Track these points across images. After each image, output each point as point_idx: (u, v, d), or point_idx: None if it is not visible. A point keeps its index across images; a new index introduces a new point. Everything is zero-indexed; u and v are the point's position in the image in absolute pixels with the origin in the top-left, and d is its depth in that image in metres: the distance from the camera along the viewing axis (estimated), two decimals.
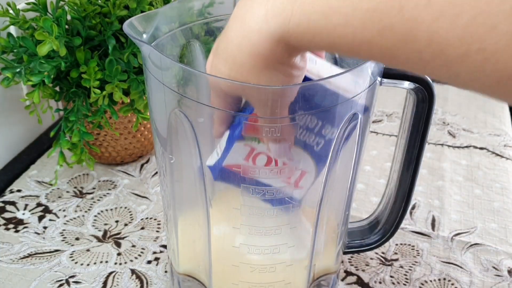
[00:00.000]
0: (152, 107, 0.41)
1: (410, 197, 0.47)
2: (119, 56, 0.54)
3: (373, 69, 0.37)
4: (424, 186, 0.64)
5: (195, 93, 0.35)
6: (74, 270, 0.51)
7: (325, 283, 0.47)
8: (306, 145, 0.36)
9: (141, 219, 0.58)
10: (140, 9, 0.55)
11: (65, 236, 0.55)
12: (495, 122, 0.78)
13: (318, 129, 0.35)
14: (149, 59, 0.37)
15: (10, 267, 0.51)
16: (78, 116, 0.56)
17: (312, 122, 0.35)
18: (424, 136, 0.43)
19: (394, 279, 0.52)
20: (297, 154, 0.36)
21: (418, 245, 0.56)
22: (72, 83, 0.56)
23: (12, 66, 0.53)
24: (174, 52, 0.43)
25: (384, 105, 0.81)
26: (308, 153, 0.37)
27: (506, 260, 0.54)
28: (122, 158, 0.65)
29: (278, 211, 0.39)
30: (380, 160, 0.69)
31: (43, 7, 0.54)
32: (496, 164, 0.69)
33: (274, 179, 0.36)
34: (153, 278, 0.51)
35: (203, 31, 0.45)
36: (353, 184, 0.43)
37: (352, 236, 0.50)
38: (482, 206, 0.62)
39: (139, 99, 0.56)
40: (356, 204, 0.61)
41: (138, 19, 0.39)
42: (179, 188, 0.43)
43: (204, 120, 0.38)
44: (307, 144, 0.36)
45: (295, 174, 0.37)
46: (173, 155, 0.40)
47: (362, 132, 0.40)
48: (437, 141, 0.73)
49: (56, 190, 0.61)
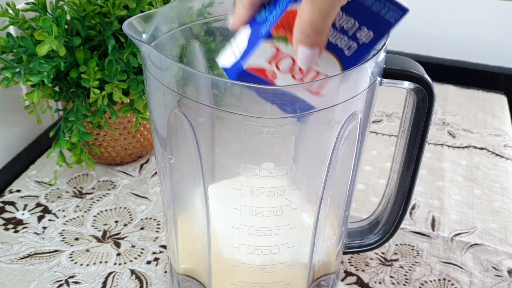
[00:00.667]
0: (152, 107, 0.41)
1: (410, 197, 0.47)
2: (118, 56, 0.54)
3: (373, 69, 0.37)
4: (424, 186, 0.64)
5: (195, 93, 0.35)
6: (73, 271, 0.51)
7: (324, 283, 0.47)
8: (337, 49, 0.34)
9: (141, 219, 0.58)
10: (140, 9, 0.55)
11: (65, 236, 0.55)
12: (495, 122, 0.78)
13: (354, 31, 0.33)
14: (148, 59, 0.37)
15: (10, 267, 0.51)
16: (77, 116, 0.56)
17: (348, 23, 0.33)
18: (424, 136, 0.43)
19: (394, 279, 0.52)
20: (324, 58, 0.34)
21: (418, 245, 0.56)
22: (71, 83, 0.56)
23: (11, 66, 0.53)
24: (173, 52, 0.43)
25: (384, 105, 0.80)
26: (336, 58, 0.34)
27: (506, 260, 0.54)
28: (122, 158, 0.65)
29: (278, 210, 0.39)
30: (380, 160, 0.69)
31: (42, 7, 0.54)
32: (496, 164, 0.69)
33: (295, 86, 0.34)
34: (153, 279, 0.51)
35: (203, 31, 0.45)
36: (353, 184, 0.43)
37: (352, 236, 0.50)
38: (482, 206, 0.62)
39: (138, 99, 0.56)
40: (356, 204, 0.61)
41: (137, 19, 0.38)
42: (178, 188, 0.43)
43: (204, 120, 0.38)
44: (338, 48, 0.34)
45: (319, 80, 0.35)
46: (172, 155, 0.40)
47: (362, 132, 0.40)
48: (437, 141, 0.73)
49: (56, 190, 0.61)
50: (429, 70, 0.43)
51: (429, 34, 0.89)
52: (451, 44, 0.90)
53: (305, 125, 0.36)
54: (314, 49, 0.32)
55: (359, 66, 0.35)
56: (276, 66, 0.33)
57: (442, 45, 0.89)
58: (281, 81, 0.34)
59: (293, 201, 0.39)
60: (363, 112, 0.38)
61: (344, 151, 0.39)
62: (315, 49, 0.32)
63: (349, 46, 0.34)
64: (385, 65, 0.39)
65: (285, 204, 0.39)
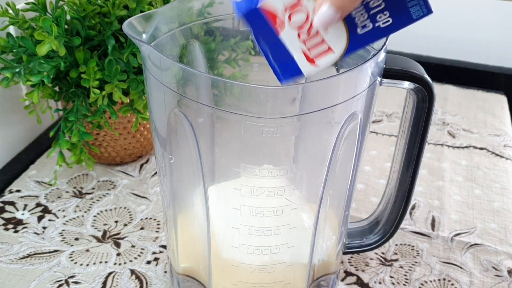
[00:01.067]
0: (152, 107, 0.41)
1: (410, 197, 0.47)
2: (118, 56, 0.54)
3: (373, 69, 0.37)
4: (424, 186, 0.64)
5: (195, 93, 0.35)
6: (73, 270, 0.51)
7: (324, 283, 0.47)
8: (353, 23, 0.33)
9: (141, 219, 0.58)
10: (140, 9, 0.55)
11: (65, 236, 0.55)
12: (495, 122, 0.78)
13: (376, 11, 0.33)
14: (148, 59, 0.37)
15: (9, 267, 0.51)
16: (77, 116, 0.56)
17: (376, 1, 0.33)
18: (424, 136, 0.43)
19: (394, 279, 0.52)
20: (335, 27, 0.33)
21: (418, 245, 0.56)
22: (71, 83, 0.56)
23: (11, 66, 0.53)
24: (173, 52, 0.43)
25: (384, 105, 0.80)
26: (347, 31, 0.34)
27: (506, 260, 0.54)
28: (122, 158, 0.65)
29: (277, 210, 0.39)
30: (380, 160, 0.69)
31: (42, 7, 0.54)
32: (496, 164, 0.69)
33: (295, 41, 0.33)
34: (153, 279, 0.51)
35: (203, 31, 0.45)
36: (353, 184, 0.43)
37: (352, 236, 0.50)
38: (482, 206, 0.62)
39: (138, 99, 0.56)
40: (356, 204, 0.61)
41: (137, 19, 0.38)
42: (178, 188, 0.43)
43: (204, 120, 0.38)
44: (354, 22, 0.33)
45: (320, 48, 0.34)
46: (172, 155, 0.40)
47: (362, 132, 0.40)
48: (437, 141, 0.73)
49: (56, 190, 0.61)
50: (429, 70, 0.43)
51: (429, 34, 0.89)
52: (451, 44, 0.90)
53: (305, 125, 0.36)
54: (338, 12, 0.31)
55: (359, 66, 0.35)
56: (288, 17, 0.33)
57: (442, 45, 0.89)
58: (285, 34, 0.33)
59: (293, 201, 0.39)
60: (363, 112, 0.38)
61: (344, 151, 0.39)
62: (339, 13, 0.31)
63: (364, 25, 0.33)
64: (385, 65, 0.39)
65: (285, 204, 0.39)
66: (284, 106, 0.34)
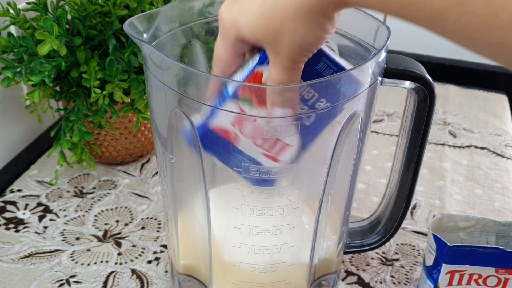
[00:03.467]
0: (153, 106, 0.41)
1: (411, 197, 0.47)
2: (119, 56, 0.54)
3: (373, 69, 0.37)
4: (425, 186, 0.64)
5: (196, 92, 0.35)
6: (74, 270, 0.51)
7: (325, 283, 0.47)
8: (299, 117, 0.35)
9: (142, 219, 0.58)
10: (141, 8, 0.55)
11: (66, 236, 0.55)
12: (496, 122, 0.78)
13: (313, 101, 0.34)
14: (149, 58, 0.37)
15: (11, 267, 0.51)
16: (78, 116, 0.56)
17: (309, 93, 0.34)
18: (425, 136, 0.43)
19: (395, 279, 0.52)
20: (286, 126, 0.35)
21: (418, 245, 0.56)
22: (72, 83, 0.56)
23: (12, 66, 0.53)
24: (174, 52, 0.43)
25: (385, 104, 0.80)
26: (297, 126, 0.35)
27: None
28: (123, 158, 0.65)
29: (278, 210, 0.39)
30: (381, 160, 0.69)
31: (43, 7, 0.54)
32: (497, 164, 0.69)
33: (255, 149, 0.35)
34: (154, 278, 0.51)
35: (204, 31, 0.45)
36: (354, 184, 0.43)
37: (353, 236, 0.50)
38: (483, 206, 0.61)
39: (139, 98, 0.56)
40: (356, 204, 0.61)
41: (138, 18, 0.38)
42: (179, 187, 0.43)
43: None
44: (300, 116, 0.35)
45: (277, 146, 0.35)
46: (173, 154, 0.40)
47: (362, 132, 0.40)
48: (438, 141, 0.73)
49: (57, 190, 0.61)
50: (430, 69, 0.43)
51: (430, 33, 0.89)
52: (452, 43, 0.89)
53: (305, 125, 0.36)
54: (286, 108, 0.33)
55: (360, 65, 0.35)
56: (239, 130, 0.34)
57: (443, 45, 0.89)
58: (242, 144, 0.35)
59: (294, 201, 0.39)
60: (364, 111, 0.38)
61: (345, 150, 0.39)
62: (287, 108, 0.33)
63: (308, 116, 0.35)
64: (386, 65, 0.39)
65: (286, 204, 0.39)
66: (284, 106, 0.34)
